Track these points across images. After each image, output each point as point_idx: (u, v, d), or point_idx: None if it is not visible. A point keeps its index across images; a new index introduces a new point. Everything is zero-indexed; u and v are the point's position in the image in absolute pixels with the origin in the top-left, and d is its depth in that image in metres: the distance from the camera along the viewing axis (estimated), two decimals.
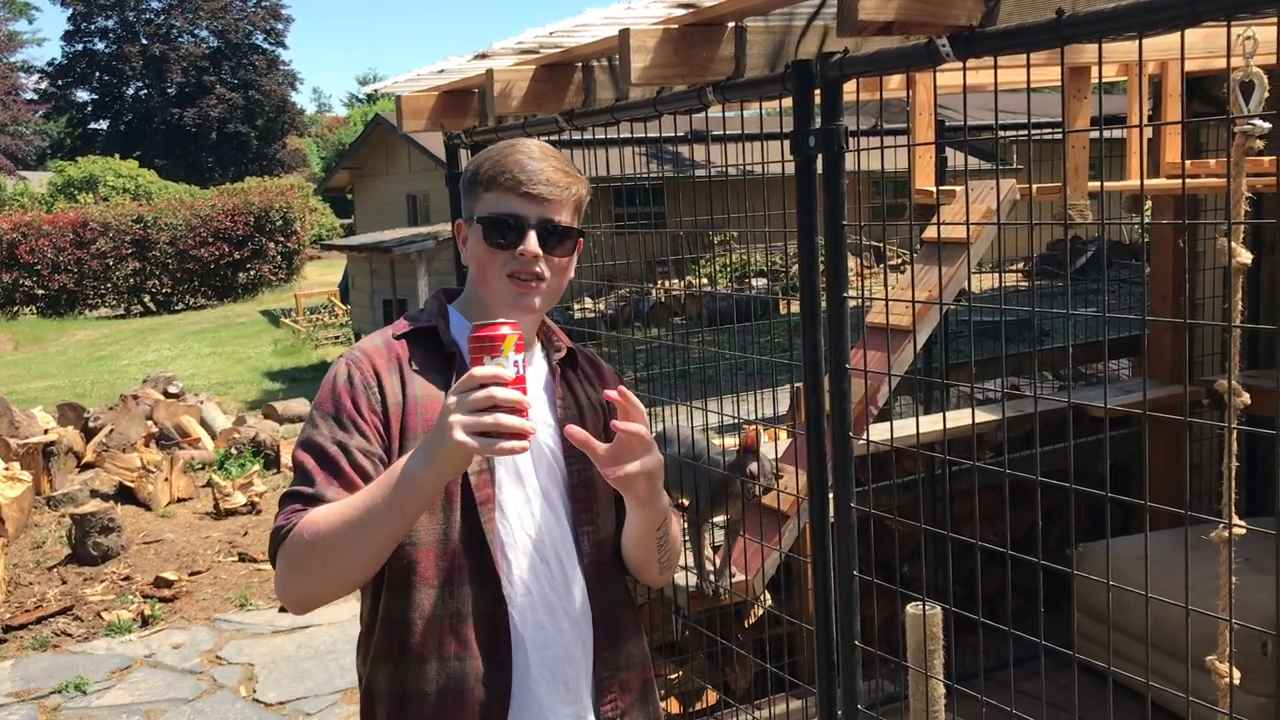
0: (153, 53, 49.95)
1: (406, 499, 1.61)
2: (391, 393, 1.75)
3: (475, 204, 1.81)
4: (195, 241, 26.58)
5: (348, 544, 1.63)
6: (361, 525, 1.61)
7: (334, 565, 1.66)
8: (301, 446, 1.74)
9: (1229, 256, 1.92)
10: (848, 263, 2.10)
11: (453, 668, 1.73)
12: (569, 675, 1.80)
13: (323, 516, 1.65)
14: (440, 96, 3.24)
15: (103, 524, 7.02)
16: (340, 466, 1.70)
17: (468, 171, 1.84)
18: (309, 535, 1.64)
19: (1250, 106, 2.15)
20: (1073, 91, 3.10)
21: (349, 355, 1.80)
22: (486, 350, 1.56)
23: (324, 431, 1.73)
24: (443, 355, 1.82)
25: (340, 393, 1.74)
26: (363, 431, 1.72)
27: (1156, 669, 3.58)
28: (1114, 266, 13.91)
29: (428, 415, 1.74)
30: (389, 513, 1.61)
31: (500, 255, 1.77)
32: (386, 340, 1.82)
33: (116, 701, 5.33)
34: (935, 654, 2.60)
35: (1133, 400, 4.35)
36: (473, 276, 1.84)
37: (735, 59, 2.26)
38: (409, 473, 1.59)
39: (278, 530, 1.68)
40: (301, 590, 1.71)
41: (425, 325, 1.84)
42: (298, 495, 1.70)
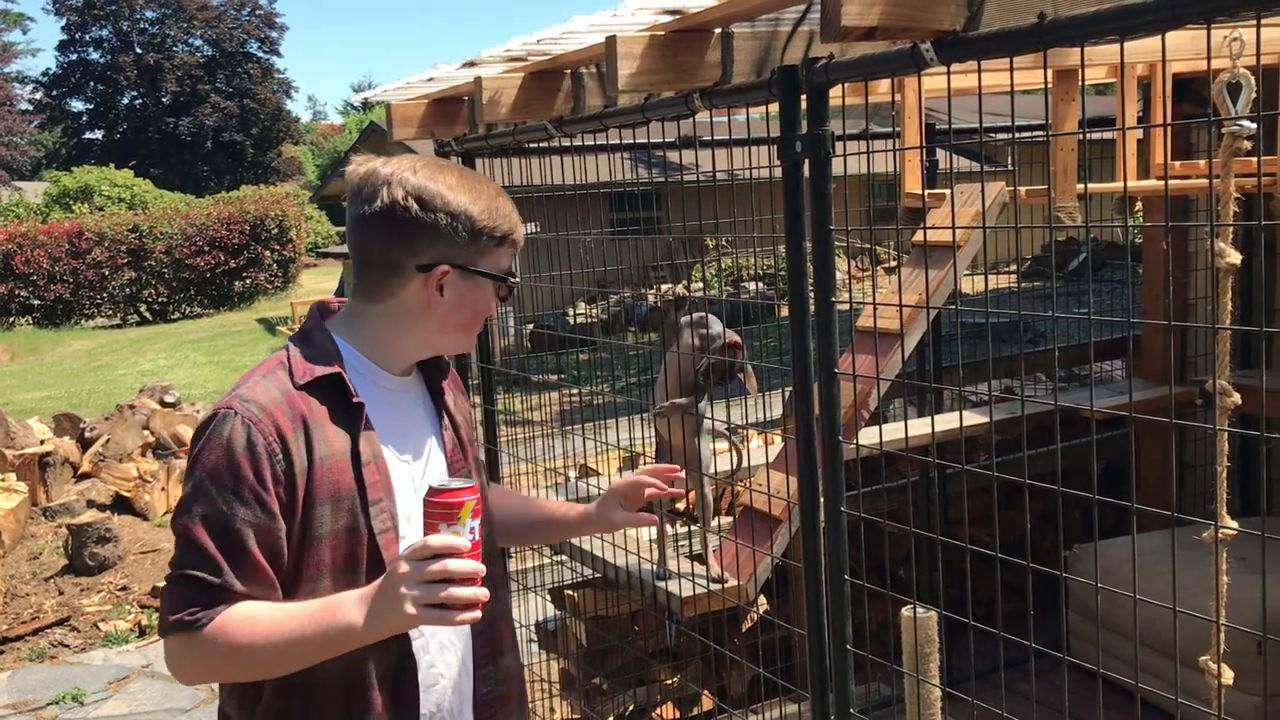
0: (147, 62, 49.98)
1: (340, 647, 1.58)
2: (298, 458, 1.61)
3: (480, 256, 1.72)
4: (191, 250, 26.56)
5: (266, 664, 1.60)
6: (287, 654, 1.58)
7: (244, 673, 1.64)
8: (197, 519, 1.58)
9: (1212, 256, 1.93)
10: (838, 266, 2.11)
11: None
12: (453, 704, 1.78)
13: (242, 629, 1.56)
14: (430, 104, 3.25)
15: (99, 534, 7.01)
16: (245, 550, 1.58)
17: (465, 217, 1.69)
18: (223, 644, 1.57)
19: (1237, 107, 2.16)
20: (1060, 94, 3.11)
21: (245, 412, 1.61)
22: (443, 517, 1.51)
23: (221, 506, 1.57)
24: (346, 406, 1.69)
25: (240, 461, 1.58)
26: (267, 507, 1.59)
27: (1152, 669, 3.59)
28: (1108, 268, 13.94)
29: (334, 478, 1.64)
30: (320, 652, 1.59)
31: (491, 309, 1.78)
32: (286, 392, 1.65)
33: (114, 712, 5.33)
34: (930, 657, 2.60)
35: (1122, 401, 4.36)
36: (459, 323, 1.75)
37: (722, 65, 2.27)
38: (349, 626, 1.55)
39: (181, 620, 1.57)
40: (199, 678, 1.69)
41: (329, 374, 1.68)
42: (200, 583, 1.57)
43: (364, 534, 1.66)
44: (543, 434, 3.83)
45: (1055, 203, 3.15)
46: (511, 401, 4.15)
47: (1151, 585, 1.84)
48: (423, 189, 1.66)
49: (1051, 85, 3.17)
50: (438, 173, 1.70)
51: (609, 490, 2.06)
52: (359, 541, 1.66)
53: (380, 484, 1.69)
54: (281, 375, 1.68)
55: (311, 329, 1.76)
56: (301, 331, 1.77)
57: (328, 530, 1.64)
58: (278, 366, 1.70)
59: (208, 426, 1.62)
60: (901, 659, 2.45)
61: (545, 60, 2.69)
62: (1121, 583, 3.49)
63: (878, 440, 2.77)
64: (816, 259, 2.04)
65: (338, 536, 1.65)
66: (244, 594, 1.58)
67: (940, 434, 3.88)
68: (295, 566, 1.63)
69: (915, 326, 3.37)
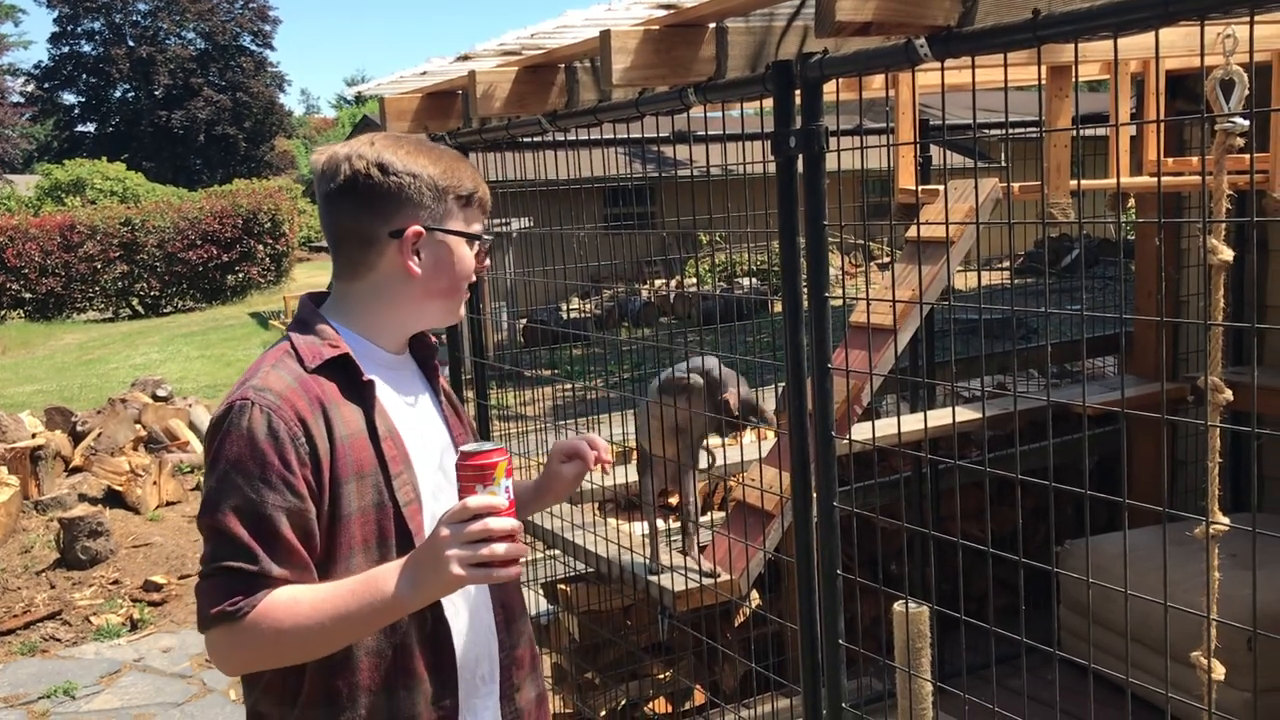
0: (140, 55, 49.80)
1: (385, 618, 1.61)
2: (320, 440, 1.64)
3: (448, 217, 1.76)
4: (183, 244, 26.49)
5: (314, 645, 1.61)
6: (334, 632, 1.60)
7: (291, 656, 1.64)
8: (227, 511, 1.59)
9: (1204, 253, 1.93)
10: (831, 262, 2.11)
11: (401, 698, 1.71)
12: (485, 669, 1.84)
13: (286, 613, 1.58)
14: (424, 98, 3.24)
15: (91, 528, 7.00)
16: (279, 535, 1.59)
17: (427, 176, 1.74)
18: (269, 629, 1.58)
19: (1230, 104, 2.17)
20: (1054, 90, 3.12)
21: (262, 400, 1.63)
22: (479, 479, 1.56)
23: (250, 494, 1.59)
24: (355, 384, 1.72)
25: (264, 448, 1.60)
26: (296, 490, 1.61)
27: (1143, 665, 3.60)
28: (1101, 264, 13.96)
29: (355, 455, 1.68)
30: (365, 626, 1.61)
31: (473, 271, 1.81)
32: (299, 377, 1.68)
33: (105, 706, 5.32)
34: (922, 652, 2.61)
35: (1115, 398, 4.37)
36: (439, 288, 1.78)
37: (716, 60, 2.27)
38: (394, 596, 1.57)
39: (224, 612, 1.57)
40: (248, 666, 1.68)
41: (338, 355, 1.72)
42: (237, 573, 1.58)
43: (390, 507, 1.70)
44: (536, 429, 3.83)
45: (1048, 199, 3.16)
46: (505, 396, 4.15)
47: (1143, 581, 1.85)
48: (381, 156, 1.71)
49: (1045, 82, 3.17)
50: (395, 143, 1.75)
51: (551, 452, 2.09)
52: (386, 515, 1.69)
53: (399, 457, 1.73)
54: (291, 363, 1.70)
55: (308, 316, 1.79)
56: (298, 320, 1.79)
57: (355, 508, 1.67)
58: (284, 355, 1.72)
59: (224, 420, 1.63)
60: (893, 654, 2.46)
61: (539, 54, 2.69)
62: (1113, 578, 3.50)
63: (870, 435, 2.78)
64: (810, 254, 2.04)
65: (365, 513, 1.68)
66: (282, 579, 1.60)
67: (933, 429, 3.89)
68: (328, 547, 1.66)
69: (908, 322, 3.37)
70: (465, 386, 3.84)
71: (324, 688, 1.68)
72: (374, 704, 1.69)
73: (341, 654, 1.66)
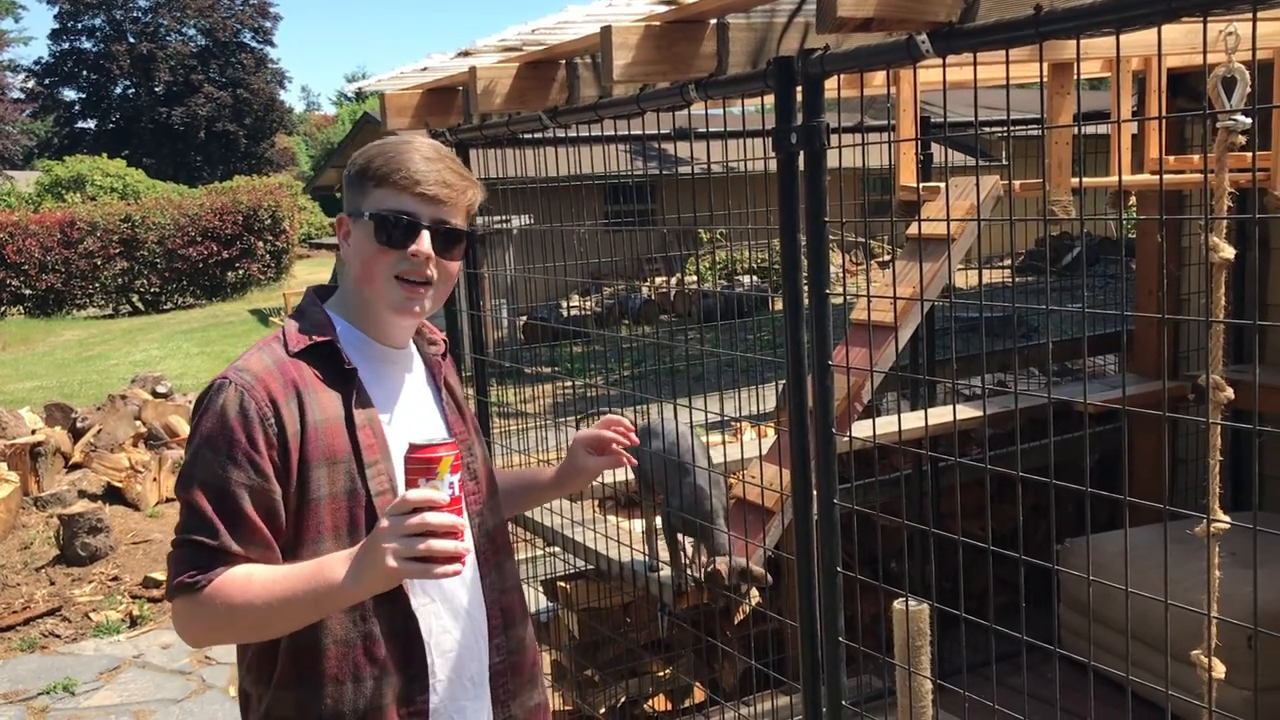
0: (140, 51, 49.75)
1: (329, 606, 1.63)
2: (290, 422, 1.66)
3: (363, 199, 1.76)
4: (183, 241, 26.47)
5: (262, 624, 1.64)
6: (280, 612, 1.61)
7: (244, 633, 1.69)
8: (195, 485, 1.63)
9: (1206, 251, 1.93)
10: (832, 260, 2.10)
11: (369, 688, 1.72)
12: (472, 671, 1.83)
13: (237, 590, 1.61)
14: (424, 94, 3.23)
15: (91, 524, 7.00)
16: (241, 512, 1.62)
17: (355, 164, 1.78)
18: (221, 604, 1.61)
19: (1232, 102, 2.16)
20: (1055, 87, 3.11)
21: (238, 379, 1.66)
22: (422, 472, 1.54)
23: (217, 470, 1.62)
24: (340, 370, 1.74)
25: (233, 426, 1.63)
26: (260, 469, 1.63)
27: (1143, 663, 3.60)
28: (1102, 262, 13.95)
29: (329, 441, 1.69)
30: (311, 611, 1.63)
31: (390, 255, 1.73)
32: (278, 360, 1.71)
33: (105, 702, 5.32)
34: (922, 650, 2.60)
35: (1116, 396, 4.36)
36: (356, 275, 1.77)
37: (717, 56, 2.26)
38: (336, 584, 1.57)
39: (183, 583, 1.62)
40: (204, 638, 1.71)
41: (321, 340, 1.74)
42: (200, 547, 1.62)
43: (362, 495, 1.70)
44: (536, 426, 3.83)
45: (1049, 196, 3.15)
46: (505, 393, 4.14)
47: (1143, 579, 1.85)
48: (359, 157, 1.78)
49: (1047, 79, 3.17)
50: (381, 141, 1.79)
51: (574, 441, 2.11)
52: (358, 503, 1.70)
53: (376, 447, 1.73)
54: (275, 346, 1.74)
55: (306, 305, 1.82)
56: (298, 309, 1.83)
57: (325, 493, 1.68)
58: (273, 340, 1.76)
59: (204, 398, 1.68)
60: (894, 652, 2.46)
61: (540, 50, 2.68)
62: (1113, 576, 3.50)
63: (871, 433, 2.77)
64: (811, 251, 2.04)
65: (336, 499, 1.69)
66: (242, 556, 1.63)
67: (933, 427, 3.88)
68: (295, 529, 1.67)
69: (909, 319, 3.37)
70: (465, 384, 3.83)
71: (294, 671, 1.71)
72: (339, 691, 1.70)
73: (310, 639, 1.69)
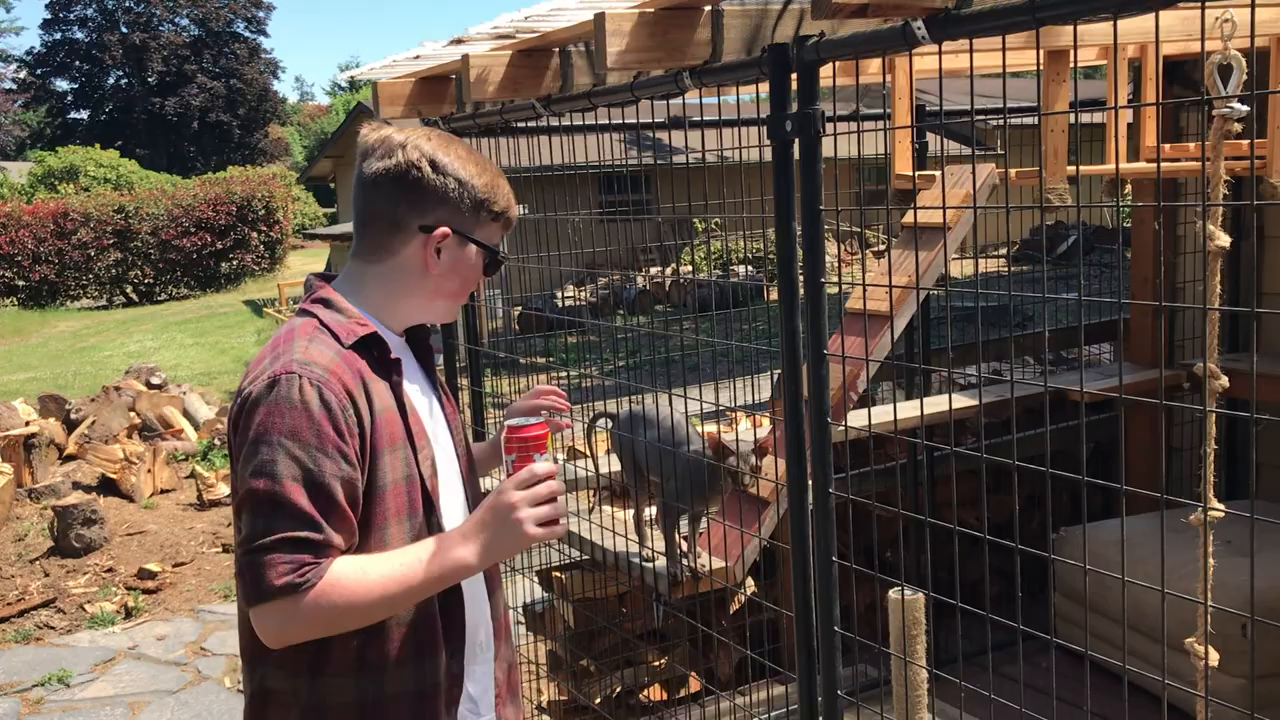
0: (133, 41, 49.59)
1: (448, 584, 1.72)
2: (364, 413, 1.70)
3: (477, 226, 1.84)
4: (177, 231, 26.42)
5: (377, 612, 1.68)
6: (398, 600, 1.67)
7: (350, 624, 1.68)
8: (286, 481, 1.60)
9: (1204, 239, 1.92)
10: (827, 250, 2.09)
11: (428, 667, 1.78)
12: (483, 636, 1.92)
13: (355, 583, 1.62)
14: (417, 83, 3.22)
15: (85, 516, 6.99)
16: (336, 503, 1.63)
17: (468, 185, 1.80)
18: (339, 600, 1.61)
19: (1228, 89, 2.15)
20: (1051, 75, 3.10)
21: (309, 375, 1.66)
22: (534, 448, 1.73)
23: (309, 464, 1.61)
24: (384, 361, 1.78)
25: (319, 419, 1.63)
26: (349, 459, 1.66)
27: (1138, 651, 3.60)
28: (1097, 251, 13.95)
29: (390, 428, 1.74)
30: (425, 592, 1.70)
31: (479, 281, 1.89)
32: (339, 353, 1.73)
33: (100, 694, 5.31)
34: (917, 639, 2.60)
35: (1111, 384, 4.36)
36: (448, 290, 1.86)
37: (712, 43, 2.25)
38: (462, 561, 1.68)
39: (290, 584, 1.58)
40: (305, 638, 1.66)
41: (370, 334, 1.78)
42: (303, 543, 1.59)
43: (417, 479, 1.77)
44: None
45: (1046, 184, 3.14)
46: (499, 384, 4.13)
47: (1138, 568, 1.84)
48: (436, 155, 1.78)
49: (1043, 66, 3.16)
50: (449, 144, 1.82)
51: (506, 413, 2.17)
52: (414, 487, 1.77)
53: (422, 432, 1.81)
54: (326, 338, 1.74)
55: (328, 295, 1.82)
56: (319, 299, 1.82)
57: (390, 479, 1.73)
58: (316, 331, 1.75)
59: (270, 393, 1.64)
60: (889, 641, 2.45)
61: (534, 38, 2.67)
62: (1109, 565, 3.50)
63: (866, 422, 2.77)
64: (806, 239, 2.03)
65: (398, 484, 1.74)
66: (340, 549, 1.64)
67: (929, 417, 3.87)
68: (366, 516, 1.71)
69: (904, 308, 3.36)
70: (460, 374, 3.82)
71: (355, 656, 1.72)
72: (401, 672, 1.75)
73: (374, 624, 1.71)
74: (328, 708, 1.72)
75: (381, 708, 1.74)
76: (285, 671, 1.73)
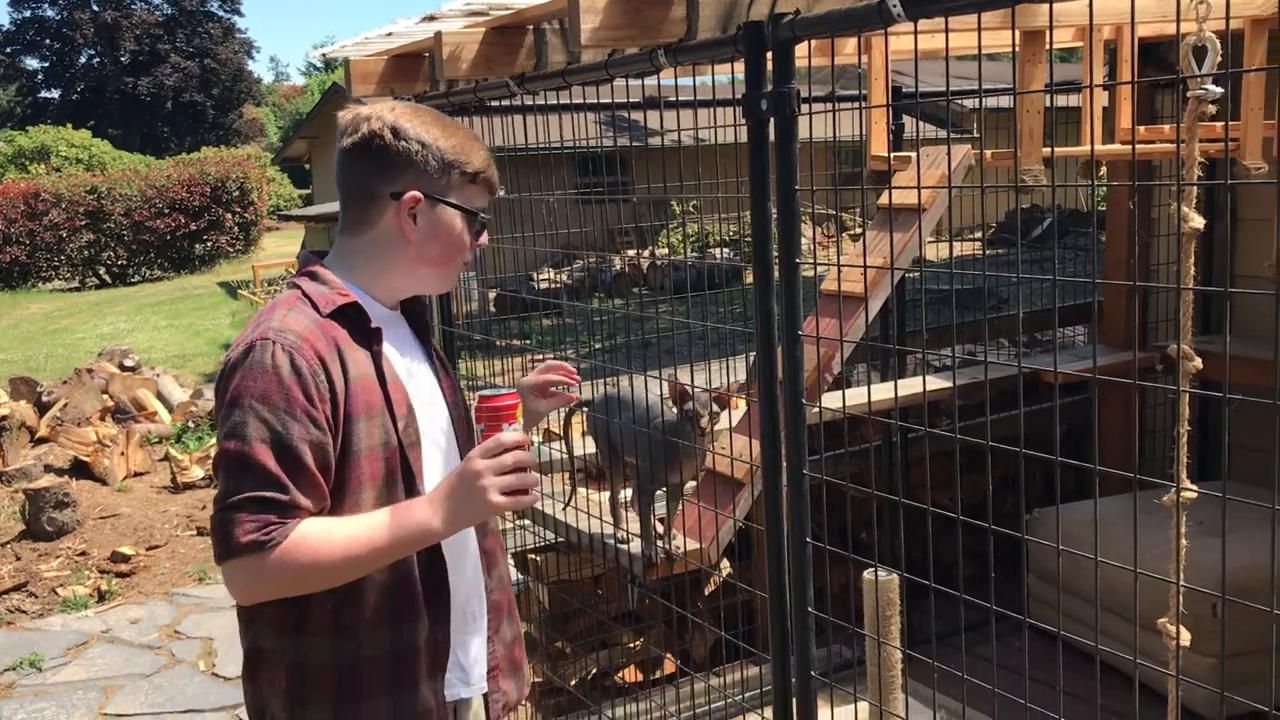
0: (104, 20, 48.98)
1: (413, 549, 1.75)
2: (336, 378, 1.74)
3: (449, 188, 1.85)
4: (151, 213, 26.18)
5: (341, 574, 1.71)
6: (363, 562, 1.70)
7: (317, 584, 1.72)
8: (255, 442, 1.65)
9: (1179, 221, 1.92)
10: (804, 233, 2.08)
11: (405, 629, 1.81)
12: (474, 607, 1.97)
13: (320, 543, 1.66)
14: (390, 60, 3.18)
15: (57, 499, 6.93)
16: (303, 465, 1.67)
17: (437, 151, 1.83)
18: (304, 559, 1.66)
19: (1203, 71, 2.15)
20: (1027, 55, 3.09)
21: (282, 340, 1.71)
22: (502, 418, 1.74)
23: (278, 426, 1.66)
24: (364, 331, 1.81)
25: (289, 383, 1.68)
26: (318, 424, 1.70)
27: (1111, 631, 3.62)
28: (1072, 234, 14.00)
29: (366, 395, 1.77)
30: (391, 556, 1.73)
31: (467, 246, 1.89)
32: (315, 321, 1.77)
33: (73, 678, 5.28)
34: (891, 620, 2.61)
35: (1085, 366, 4.38)
36: (431, 256, 1.87)
37: (687, 20, 2.23)
38: (427, 526, 1.70)
39: (255, 541, 1.63)
40: (268, 595, 1.73)
41: (349, 303, 1.81)
42: (269, 502, 1.64)
43: (395, 447, 1.80)
44: None
45: (1021, 165, 3.14)
46: (474, 366, 4.11)
47: (1110, 548, 1.85)
48: (398, 122, 1.81)
49: (1019, 47, 3.15)
50: (415, 112, 1.85)
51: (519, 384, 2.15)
52: (393, 454, 1.79)
53: (403, 401, 1.83)
54: (305, 307, 1.79)
55: (315, 269, 1.87)
56: (306, 272, 1.87)
57: (364, 445, 1.76)
58: (297, 301, 1.80)
59: (246, 358, 1.71)
60: (863, 622, 2.46)
61: (507, 15, 2.64)
62: (1082, 546, 3.51)
63: (841, 404, 2.77)
64: (781, 220, 2.02)
65: (373, 451, 1.77)
66: (308, 509, 1.69)
67: (903, 398, 3.88)
68: (339, 481, 1.74)
69: (879, 290, 3.36)
70: None
71: (331, 618, 1.77)
72: (377, 635, 1.79)
73: (350, 586, 1.75)
74: (309, 666, 1.78)
75: (357, 668, 1.79)
76: (273, 630, 1.79)
